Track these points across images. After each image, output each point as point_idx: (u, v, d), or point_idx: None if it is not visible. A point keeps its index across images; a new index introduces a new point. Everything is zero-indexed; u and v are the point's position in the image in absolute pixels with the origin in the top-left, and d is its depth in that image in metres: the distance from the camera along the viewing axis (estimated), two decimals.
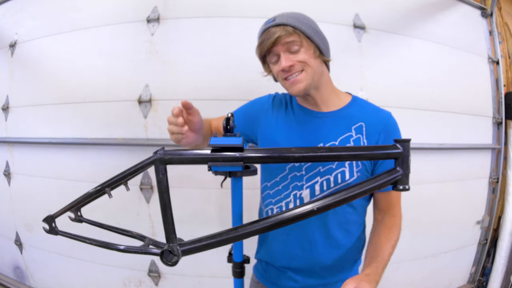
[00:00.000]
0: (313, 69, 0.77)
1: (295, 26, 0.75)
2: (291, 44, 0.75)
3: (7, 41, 1.88)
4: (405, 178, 0.57)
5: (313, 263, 0.85)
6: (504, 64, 2.03)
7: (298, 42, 0.76)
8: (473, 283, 2.04)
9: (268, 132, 0.87)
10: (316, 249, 0.84)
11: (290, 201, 0.83)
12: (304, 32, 0.76)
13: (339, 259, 0.85)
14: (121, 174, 0.62)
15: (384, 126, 0.80)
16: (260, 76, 0.89)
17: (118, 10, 1.65)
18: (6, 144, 1.90)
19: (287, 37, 0.75)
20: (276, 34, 0.74)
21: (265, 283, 0.96)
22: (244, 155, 0.57)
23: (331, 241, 0.83)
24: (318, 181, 0.80)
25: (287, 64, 0.75)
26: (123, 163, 0.66)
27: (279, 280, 0.91)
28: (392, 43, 1.69)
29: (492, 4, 1.98)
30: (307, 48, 0.77)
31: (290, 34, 0.75)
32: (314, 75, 0.78)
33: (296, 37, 0.75)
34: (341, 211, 0.82)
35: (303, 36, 0.76)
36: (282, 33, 0.74)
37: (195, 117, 0.72)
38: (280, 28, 0.75)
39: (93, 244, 0.66)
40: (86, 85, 1.67)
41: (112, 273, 1.72)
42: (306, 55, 0.76)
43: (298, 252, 0.85)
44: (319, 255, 0.84)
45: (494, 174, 1.99)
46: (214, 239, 0.54)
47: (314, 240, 0.83)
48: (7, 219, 1.95)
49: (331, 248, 0.84)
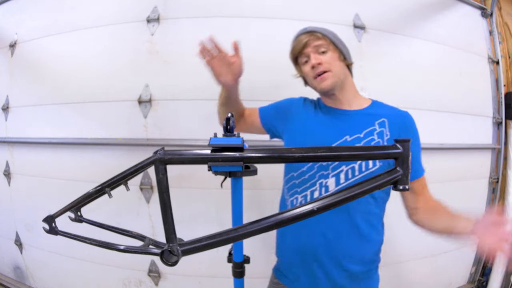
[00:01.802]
0: (338, 69, 0.89)
1: (322, 33, 0.89)
2: (319, 46, 0.88)
3: (7, 41, 1.88)
4: (405, 178, 0.56)
5: (337, 254, 0.87)
6: (504, 64, 2.03)
7: (325, 46, 0.88)
8: (473, 283, 2.04)
9: (298, 125, 0.95)
10: (339, 239, 0.86)
11: (316, 190, 0.87)
12: (330, 38, 0.89)
13: (362, 249, 0.88)
14: (121, 174, 0.62)
15: (404, 123, 0.90)
16: (260, 76, 0.93)
17: (118, 10, 1.65)
18: (6, 144, 1.90)
19: (316, 40, 0.88)
20: (306, 39, 0.89)
21: (286, 282, 0.95)
22: (244, 155, 0.57)
23: (354, 230, 0.86)
24: (343, 170, 0.85)
25: (316, 61, 0.87)
26: (123, 163, 0.66)
27: (302, 275, 0.91)
28: (392, 43, 1.69)
29: (492, 4, 1.98)
30: (333, 52, 0.89)
31: (318, 38, 0.88)
32: (340, 75, 0.89)
33: (324, 41, 0.88)
34: (364, 200, 0.84)
35: (330, 41, 0.89)
36: (311, 37, 0.88)
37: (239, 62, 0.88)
38: (310, 34, 0.89)
39: (93, 244, 0.66)
40: (86, 85, 1.68)
41: (112, 273, 1.72)
42: (332, 57, 0.88)
43: (322, 242, 0.87)
44: (343, 245, 0.86)
45: (494, 174, 1.99)
46: (214, 239, 0.54)
47: (338, 229, 0.86)
48: (7, 219, 1.95)
49: (355, 238, 0.87)
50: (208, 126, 1.55)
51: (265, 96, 1.55)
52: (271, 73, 1.55)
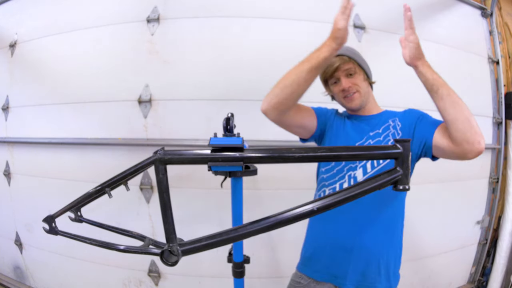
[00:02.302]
0: (364, 89, 0.99)
1: (350, 56, 0.98)
2: (348, 70, 0.97)
3: (7, 41, 1.88)
4: (405, 178, 0.56)
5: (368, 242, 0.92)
6: (504, 64, 2.02)
7: (353, 69, 0.98)
8: (473, 283, 2.04)
9: (336, 131, 1.04)
10: (365, 231, 0.92)
11: (345, 181, 0.94)
12: (357, 61, 0.99)
13: (385, 241, 0.95)
14: (121, 174, 0.62)
15: (410, 112, 1.00)
16: (260, 76, 0.92)
17: (118, 10, 1.65)
18: (6, 144, 1.90)
19: (346, 64, 0.97)
20: (337, 63, 0.96)
21: (316, 276, 0.98)
22: (244, 155, 0.57)
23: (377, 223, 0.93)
24: (369, 160, 0.92)
25: (347, 86, 0.97)
26: (123, 163, 0.66)
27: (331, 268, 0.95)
28: (392, 43, 1.68)
29: (492, 4, 1.98)
30: (359, 74, 0.99)
31: (347, 62, 0.97)
32: (365, 94, 1.00)
33: (351, 64, 0.97)
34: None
35: (356, 64, 0.99)
36: (341, 62, 0.96)
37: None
38: (339, 58, 0.96)
39: (93, 244, 0.66)
40: (86, 85, 1.68)
41: (112, 273, 1.72)
42: (359, 79, 0.98)
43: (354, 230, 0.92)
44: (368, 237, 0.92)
45: (494, 174, 1.99)
46: (214, 239, 0.54)
47: (362, 221, 0.92)
48: (7, 219, 1.95)
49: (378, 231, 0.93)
50: (208, 126, 1.56)
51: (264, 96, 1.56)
52: (271, 73, 1.55)
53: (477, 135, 0.80)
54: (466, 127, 0.80)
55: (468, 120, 0.81)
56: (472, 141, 0.80)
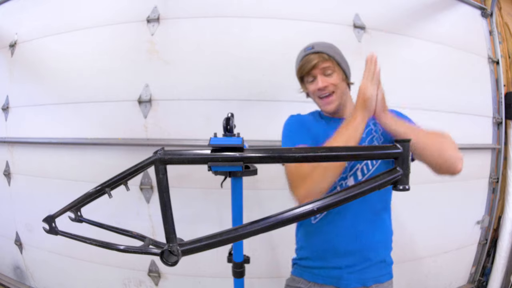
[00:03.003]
0: (341, 90, 0.95)
1: (329, 54, 0.93)
2: (326, 68, 0.92)
3: (7, 41, 1.88)
4: (405, 178, 0.56)
5: (365, 242, 0.92)
6: (504, 64, 2.03)
7: (331, 68, 0.93)
8: (473, 283, 2.04)
9: (313, 141, 0.98)
10: (367, 228, 0.92)
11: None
12: (336, 60, 0.93)
13: (382, 237, 0.96)
14: (121, 174, 0.62)
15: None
16: (260, 76, 0.91)
17: (118, 10, 1.65)
18: (6, 144, 1.90)
19: (324, 63, 0.92)
20: (315, 60, 0.91)
21: (317, 279, 0.96)
22: (244, 155, 0.57)
23: (377, 218, 0.94)
24: (359, 167, 0.92)
25: (323, 85, 0.92)
26: (123, 163, 0.66)
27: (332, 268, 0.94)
28: (392, 43, 1.69)
29: (492, 4, 1.98)
30: (338, 73, 0.94)
31: (325, 60, 0.92)
32: (342, 96, 0.96)
33: (330, 63, 0.92)
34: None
35: (335, 63, 0.93)
36: (319, 60, 0.91)
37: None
38: (318, 55, 0.92)
39: (93, 244, 0.66)
40: (86, 85, 1.68)
41: (112, 273, 1.72)
42: (337, 79, 0.93)
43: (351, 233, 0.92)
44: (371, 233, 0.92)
45: (494, 174, 1.99)
46: (214, 239, 0.54)
47: (364, 219, 0.92)
48: (7, 219, 1.95)
49: (379, 225, 0.95)
50: (208, 126, 1.56)
51: (265, 96, 1.56)
52: (271, 73, 1.55)
53: (457, 165, 0.86)
54: (445, 163, 0.86)
55: (446, 158, 0.86)
56: (452, 171, 0.88)
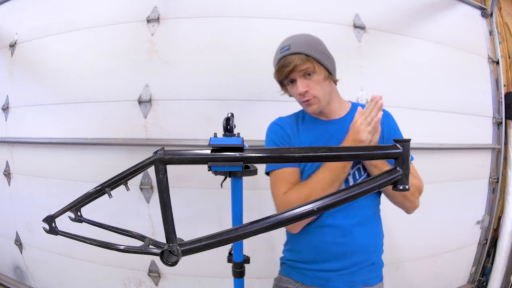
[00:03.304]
0: (324, 92, 0.88)
1: (308, 54, 0.85)
2: (306, 70, 0.86)
3: (7, 41, 1.88)
4: (405, 178, 0.56)
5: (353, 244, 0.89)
6: (504, 64, 2.03)
7: (311, 68, 0.86)
8: (473, 283, 2.04)
9: (293, 142, 0.95)
10: (357, 230, 0.89)
11: None
12: (316, 59, 0.86)
13: (373, 238, 0.93)
14: (121, 174, 0.62)
15: (383, 120, 0.88)
16: (260, 76, 0.91)
17: (118, 10, 1.65)
18: (6, 144, 1.89)
19: (302, 65, 0.85)
20: (292, 64, 0.84)
21: (305, 280, 0.93)
22: (244, 155, 0.57)
23: (369, 220, 0.92)
24: (350, 173, 0.88)
25: (303, 90, 0.86)
26: (123, 163, 0.66)
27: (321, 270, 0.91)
28: (392, 43, 1.69)
29: (492, 4, 1.98)
30: (319, 73, 0.87)
31: (304, 62, 0.84)
32: (325, 97, 0.89)
33: (309, 64, 0.85)
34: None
35: (316, 62, 0.86)
36: (297, 62, 0.84)
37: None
38: (295, 57, 0.84)
39: (93, 244, 0.66)
40: (86, 85, 1.67)
41: (112, 273, 1.72)
42: (318, 79, 0.87)
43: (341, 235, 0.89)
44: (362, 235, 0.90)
45: (494, 174, 1.99)
46: (214, 239, 0.54)
47: (355, 221, 0.89)
48: (7, 219, 1.95)
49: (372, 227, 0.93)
50: (208, 126, 1.56)
51: (265, 96, 1.56)
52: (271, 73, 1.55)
53: (409, 211, 0.92)
54: (401, 206, 0.90)
55: (405, 206, 0.90)
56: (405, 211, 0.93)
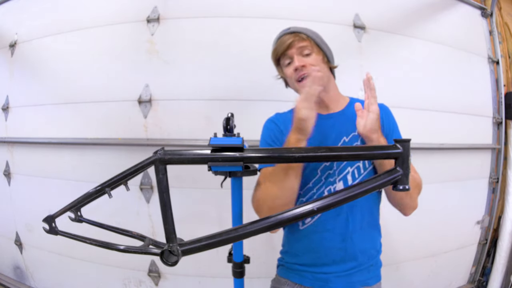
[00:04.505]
0: (323, 70, 0.85)
1: (307, 34, 0.86)
2: (303, 48, 0.85)
3: (7, 41, 1.88)
4: (405, 178, 0.56)
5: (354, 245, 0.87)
6: (504, 64, 2.03)
7: (309, 48, 0.85)
8: (473, 283, 2.04)
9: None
10: (357, 230, 0.87)
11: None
12: (314, 40, 0.86)
13: (374, 242, 0.92)
14: (121, 174, 0.62)
15: (383, 114, 0.88)
16: (260, 76, 0.91)
17: (118, 10, 1.65)
18: (6, 144, 1.89)
19: (300, 42, 0.85)
20: (290, 39, 0.84)
21: (304, 282, 0.90)
22: (244, 155, 0.57)
23: (369, 219, 0.90)
24: (349, 171, 0.85)
25: (300, 64, 0.83)
26: (123, 163, 0.66)
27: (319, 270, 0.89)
28: (392, 43, 1.69)
29: (492, 4, 1.98)
30: (317, 54, 0.87)
31: (303, 40, 0.85)
32: (323, 77, 0.84)
33: (308, 43, 0.85)
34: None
35: (314, 43, 0.86)
36: (295, 38, 0.84)
37: None
38: (294, 35, 0.85)
39: (93, 244, 0.66)
40: (86, 85, 1.67)
41: (112, 273, 1.72)
42: (316, 59, 0.86)
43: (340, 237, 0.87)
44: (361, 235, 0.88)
45: (494, 174, 1.99)
46: (214, 239, 0.54)
47: (354, 221, 0.87)
48: (7, 219, 1.95)
49: (371, 227, 0.90)
50: (208, 126, 1.56)
51: (265, 96, 1.56)
52: (271, 73, 1.55)
53: (406, 212, 0.87)
54: (398, 207, 0.87)
55: (402, 207, 0.87)
56: (402, 213, 0.88)
